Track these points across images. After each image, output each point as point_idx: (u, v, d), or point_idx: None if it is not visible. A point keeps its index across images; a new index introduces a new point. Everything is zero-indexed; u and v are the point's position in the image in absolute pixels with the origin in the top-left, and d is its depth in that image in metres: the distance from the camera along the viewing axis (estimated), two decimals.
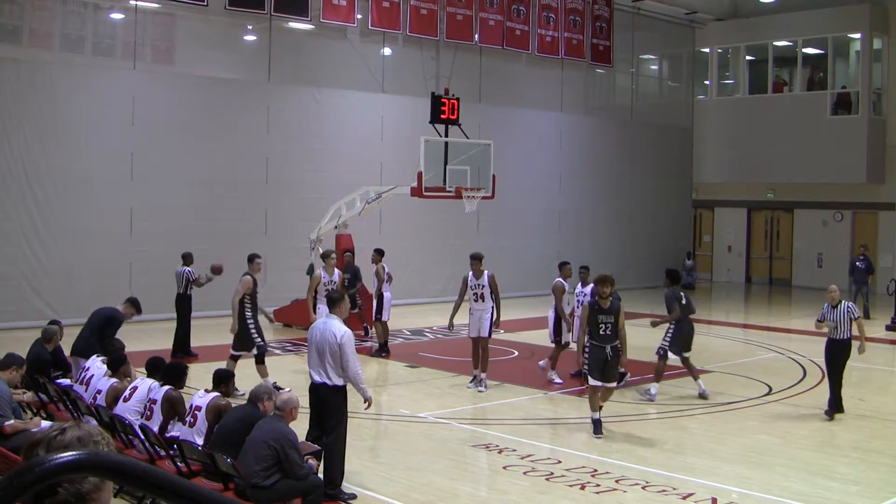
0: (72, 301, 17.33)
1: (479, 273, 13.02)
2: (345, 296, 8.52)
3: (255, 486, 6.73)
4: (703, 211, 31.48)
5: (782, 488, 8.57)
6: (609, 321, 10.29)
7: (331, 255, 14.42)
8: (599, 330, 10.30)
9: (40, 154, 17.59)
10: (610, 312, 10.30)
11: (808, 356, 15.98)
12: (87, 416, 8.42)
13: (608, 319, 10.29)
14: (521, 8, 24.05)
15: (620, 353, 10.38)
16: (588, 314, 10.41)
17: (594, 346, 10.32)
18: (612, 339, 10.30)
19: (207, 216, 19.41)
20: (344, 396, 8.08)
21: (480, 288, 12.99)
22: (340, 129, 21.63)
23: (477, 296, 13.03)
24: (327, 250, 14.73)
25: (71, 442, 2.06)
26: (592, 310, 10.37)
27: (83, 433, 2.09)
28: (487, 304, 12.94)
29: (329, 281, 13.96)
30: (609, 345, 10.29)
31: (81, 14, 19.50)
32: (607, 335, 10.29)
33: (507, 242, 24.07)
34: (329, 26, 21.16)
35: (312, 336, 8.16)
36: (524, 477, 8.82)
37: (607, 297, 10.34)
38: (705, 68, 30.90)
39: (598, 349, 10.31)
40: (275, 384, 10.22)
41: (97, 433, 2.12)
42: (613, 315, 10.31)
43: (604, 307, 10.32)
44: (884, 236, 27.30)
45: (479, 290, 13.01)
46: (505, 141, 21.87)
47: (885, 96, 27.55)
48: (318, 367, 8.02)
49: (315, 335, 8.11)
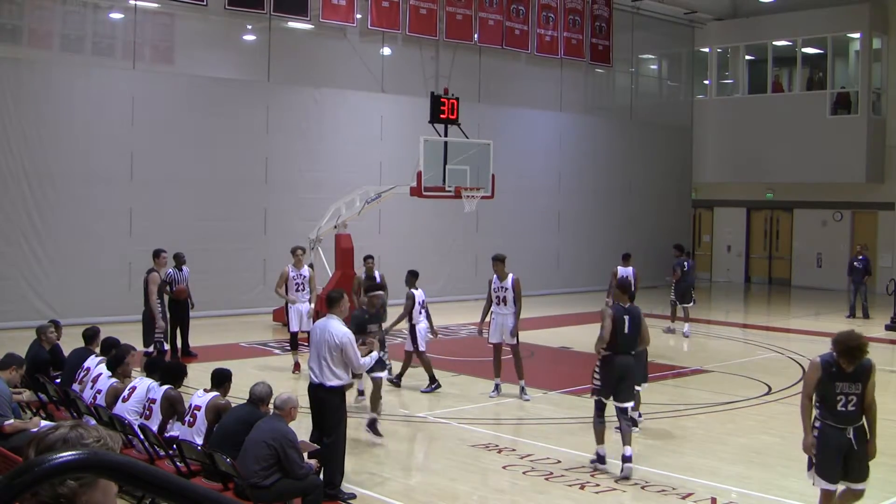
0: (72, 301, 17.34)
1: (503, 275, 12.46)
2: (344, 294, 8.43)
3: (254, 485, 6.73)
4: (702, 211, 31.48)
5: (782, 488, 8.58)
6: (855, 391, 6.92)
7: (297, 250, 14.29)
8: (838, 403, 6.90)
9: (40, 154, 17.59)
10: (856, 379, 6.91)
11: (807, 356, 15.97)
12: (87, 416, 8.42)
13: (853, 389, 6.91)
14: (520, 7, 24.04)
15: (869, 437, 7.04)
16: (819, 379, 6.94)
17: (828, 429, 6.92)
18: (856, 417, 6.96)
19: (207, 216, 19.41)
20: (341, 397, 8.08)
21: (503, 291, 12.41)
22: (340, 128, 21.63)
23: (499, 299, 12.45)
24: (295, 246, 14.53)
25: (55, 443, 2.04)
26: (827, 373, 6.89)
27: (71, 434, 2.06)
28: (510, 308, 12.35)
29: (297, 275, 13.95)
30: (852, 426, 6.95)
31: (81, 14, 19.49)
32: (850, 412, 6.92)
33: (506, 242, 24.00)
34: (328, 26, 21.15)
35: (313, 336, 8.17)
36: (524, 477, 8.82)
37: (852, 357, 6.85)
38: (705, 68, 30.90)
39: (834, 433, 6.91)
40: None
41: (90, 435, 2.08)
42: (861, 381, 6.93)
43: (846, 371, 6.87)
44: (883, 236, 27.31)
45: (501, 293, 12.43)
46: (504, 141, 21.87)
47: (884, 96, 27.55)
48: (316, 367, 8.03)
49: (315, 335, 8.12)
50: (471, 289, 22.27)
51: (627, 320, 9.04)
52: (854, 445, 6.93)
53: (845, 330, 7.15)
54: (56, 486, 1.94)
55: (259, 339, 16.57)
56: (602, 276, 19.90)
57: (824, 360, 6.93)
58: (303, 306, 14.01)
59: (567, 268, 26.14)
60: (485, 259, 23.29)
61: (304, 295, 14.04)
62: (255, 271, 19.91)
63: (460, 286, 23.33)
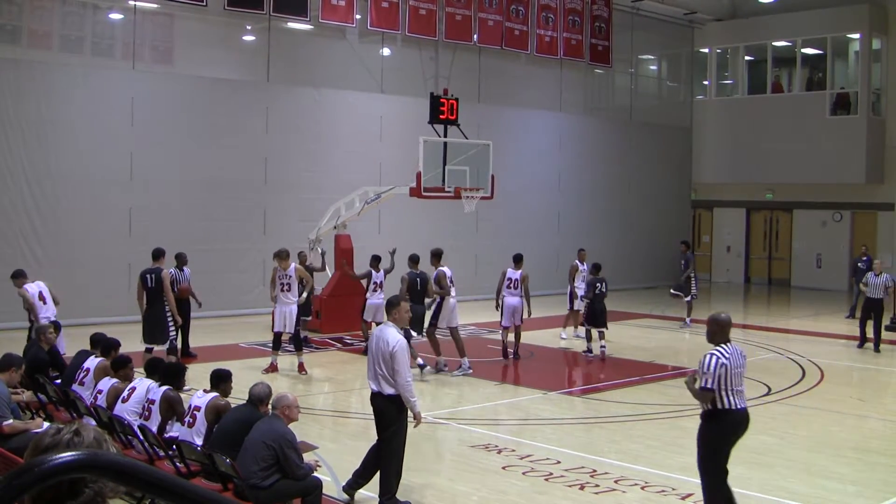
0: (72, 301, 17.31)
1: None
2: (401, 301, 8.18)
3: (253, 486, 6.73)
4: (702, 211, 31.48)
5: (782, 488, 8.58)
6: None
7: (281, 253, 13.93)
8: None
9: (40, 154, 17.58)
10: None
11: (806, 356, 15.99)
12: (87, 416, 8.42)
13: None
14: (519, 8, 24.05)
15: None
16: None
17: None
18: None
19: (207, 216, 19.41)
20: (401, 406, 7.83)
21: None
22: (339, 129, 21.63)
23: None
24: (280, 249, 14.05)
25: (55, 445, 2.06)
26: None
27: (68, 437, 2.09)
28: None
29: (283, 275, 13.70)
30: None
31: (80, 14, 19.49)
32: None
33: (506, 243, 24.04)
34: (328, 26, 21.16)
35: (370, 344, 7.98)
36: (523, 477, 8.82)
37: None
38: (704, 68, 30.91)
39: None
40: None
41: (88, 436, 2.10)
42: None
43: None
44: (883, 236, 27.30)
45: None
46: (504, 141, 21.88)
47: (883, 96, 27.56)
48: (372, 375, 7.83)
49: (372, 343, 7.94)
50: (471, 289, 22.26)
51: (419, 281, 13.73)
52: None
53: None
54: (99, 481, 1.97)
55: (259, 340, 16.57)
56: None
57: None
58: (286, 308, 13.68)
59: (567, 268, 26.02)
60: (485, 259, 23.46)
61: (290, 296, 13.73)
62: (255, 272, 19.90)
63: (460, 286, 23.22)
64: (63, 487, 1.96)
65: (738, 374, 7.04)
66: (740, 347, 7.31)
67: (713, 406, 6.98)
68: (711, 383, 6.88)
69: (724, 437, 7.07)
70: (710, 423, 7.08)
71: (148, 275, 13.11)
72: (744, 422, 7.14)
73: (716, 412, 6.99)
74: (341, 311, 17.30)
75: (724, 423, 7.02)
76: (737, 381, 7.01)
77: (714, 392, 6.91)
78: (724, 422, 7.01)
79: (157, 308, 13.10)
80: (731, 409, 6.97)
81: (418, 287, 13.99)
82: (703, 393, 6.95)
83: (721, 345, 7.09)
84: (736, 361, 7.03)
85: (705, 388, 6.92)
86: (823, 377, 14.28)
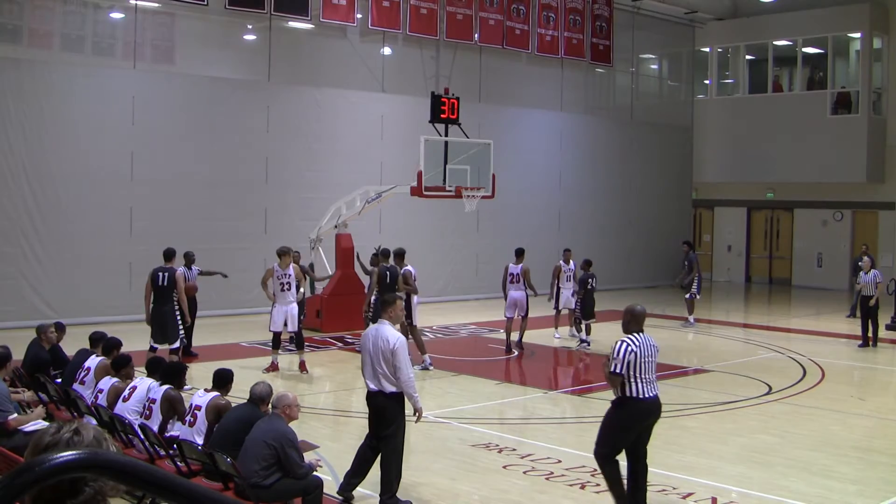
0: (72, 301, 17.35)
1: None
2: (397, 300, 8.14)
3: (254, 485, 6.73)
4: (702, 210, 31.47)
5: (782, 488, 8.57)
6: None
7: (283, 251, 13.86)
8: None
9: (40, 154, 17.58)
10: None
11: (807, 355, 15.99)
12: (88, 416, 8.42)
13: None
14: (520, 7, 24.05)
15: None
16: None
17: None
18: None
19: (207, 216, 19.40)
20: (401, 404, 7.84)
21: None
22: (340, 128, 21.62)
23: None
24: (284, 247, 14.04)
25: (55, 444, 2.07)
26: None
27: (68, 435, 2.09)
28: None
29: (283, 274, 13.65)
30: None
31: (81, 14, 19.49)
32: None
33: (506, 242, 24.02)
34: (329, 26, 21.16)
35: (364, 344, 7.89)
36: (524, 476, 8.82)
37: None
38: (705, 68, 30.90)
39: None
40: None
41: (88, 434, 2.10)
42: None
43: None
44: (884, 236, 27.31)
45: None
46: (505, 140, 21.88)
47: (884, 96, 27.55)
48: (372, 375, 7.78)
49: (367, 343, 7.84)
50: (471, 288, 22.26)
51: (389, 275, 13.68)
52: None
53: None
54: (99, 480, 1.98)
55: (260, 339, 16.56)
56: (602, 276, 19.86)
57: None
58: (286, 307, 13.62)
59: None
60: (485, 259, 23.45)
61: (290, 295, 13.68)
62: (256, 271, 19.78)
63: (461, 286, 23.35)
64: (63, 486, 1.97)
65: (648, 362, 7.34)
66: (654, 339, 7.58)
67: (622, 392, 7.33)
68: (620, 368, 7.24)
69: (629, 424, 7.42)
70: (618, 410, 7.44)
71: (160, 273, 13.09)
72: (654, 410, 7.48)
73: (625, 400, 7.34)
74: (342, 311, 17.31)
75: (632, 411, 7.38)
76: (646, 369, 7.33)
77: (622, 377, 7.26)
78: (633, 409, 7.36)
79: (166, 307, 13.09)
80: (639, 397, 7.30)
81: (387, 281, 13.99)
82: (612, 377, 7.32)
83: (633, 333, 7.41)
84: (646, 351, 7.34)
85: (614, 373, 7.28)
86: (824, 376, 14.28)
